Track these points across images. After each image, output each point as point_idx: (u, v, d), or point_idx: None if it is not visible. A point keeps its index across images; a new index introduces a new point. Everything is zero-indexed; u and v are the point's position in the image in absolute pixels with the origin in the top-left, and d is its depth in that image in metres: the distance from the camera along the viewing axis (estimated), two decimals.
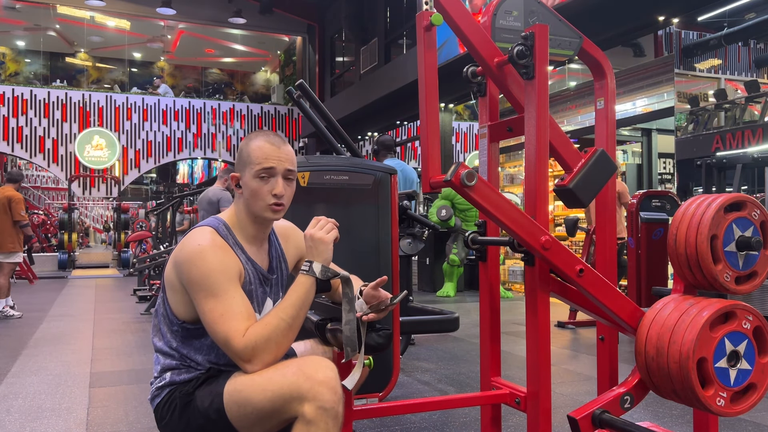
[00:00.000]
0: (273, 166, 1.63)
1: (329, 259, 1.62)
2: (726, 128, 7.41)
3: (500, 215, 1.63)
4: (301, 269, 1.59)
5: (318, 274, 1.58)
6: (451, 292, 8.17)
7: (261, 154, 1.63)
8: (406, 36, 12.09)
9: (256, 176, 1.63)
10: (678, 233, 1.68)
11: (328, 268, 1.60)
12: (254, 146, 1.65)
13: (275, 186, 1.63)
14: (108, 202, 16.19)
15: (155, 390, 1.65)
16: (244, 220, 1.68)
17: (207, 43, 18.86)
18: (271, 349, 1.50)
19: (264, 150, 1.63)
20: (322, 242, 1.60)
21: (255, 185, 1.63)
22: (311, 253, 1.61)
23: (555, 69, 11.21)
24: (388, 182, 3.01)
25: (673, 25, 7.27)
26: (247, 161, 1.64)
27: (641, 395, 1.72)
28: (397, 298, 1.66)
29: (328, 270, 1.60)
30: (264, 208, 1.64)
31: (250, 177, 1.63)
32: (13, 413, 3.16)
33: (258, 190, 1.63)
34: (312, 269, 1.58)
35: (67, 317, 6.70)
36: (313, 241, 1.61)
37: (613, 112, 2.02)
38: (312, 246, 1.61)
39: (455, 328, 3.33)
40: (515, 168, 10.38)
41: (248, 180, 1.64)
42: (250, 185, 1.63)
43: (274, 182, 1.63)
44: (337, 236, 1.64)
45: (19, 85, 15.43)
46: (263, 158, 1.63)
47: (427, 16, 1.70)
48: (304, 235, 1.65)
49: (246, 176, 1.64)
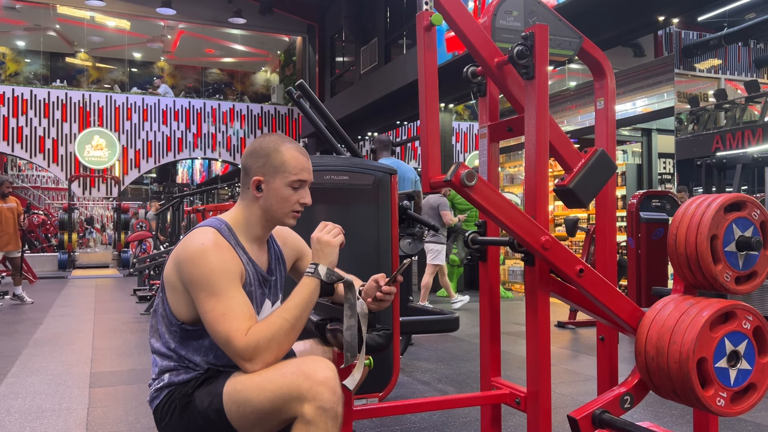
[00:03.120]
0: (307, 180, 1.68)
1: (335, 263, 1.63)
2: (726, 128, 7.41)
3: (500, 215, 1.63)
4: (306, 271, 1.60)
5: (323, 276, 1.59)
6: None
7: (297, 164, 1.66)
8: (406, 36, 12.08)
9: (290, 185, 1.65)
10: (678, 233, 1.68)
11: (332, 272, 1.61)
12: (289, 156, 1.66)
13: (304, 196, 1.68)
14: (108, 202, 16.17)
15: (154, 391, 1.64)
16: (253, 222, 1.68)
17: (207, 43, 18.85)
18: (273, 349, 1.50)
19: (300, 162, 1.67)
20: (329, 245, 1.62)
21: (287, 193, 1.66)
22: (317, 256, 1.62)
23: (555, 69, 11.21)
24: (388, 182, 3.01)
25: (673, 25, 7.27)
26: (281, 169, 1.65)
27: (641, 395, 1.72)
28: (402, 267, 1.66)
29: (333, 273, 1.61)
30: (288, 215, 1.68)
31: (282, 184, 1.65)
32: (13, 413, 3.16)
33: (289, 198, 1.66)
34: (317, 271, 1.59)
35: (67, 317, 6.71)
36: (320, 244, 1.62)
37: (613, 112, 2.02)
38: (318, 249, 1.63)
39: (455, 328, 3.33)
40: (515, 168, 10.37)
41: (279, 186, 1.65)
42: (281, 192, 1.65)
43: (303, 192, 1.68)
44: (343, 241, 1.66)
45: (19, 85, 15.42)
46: (300, 169, 1.66)
47: (427, 16, 1.70)
48: (311, 237, 1.66)
49: (276, 182, 1.65)
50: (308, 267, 1.61)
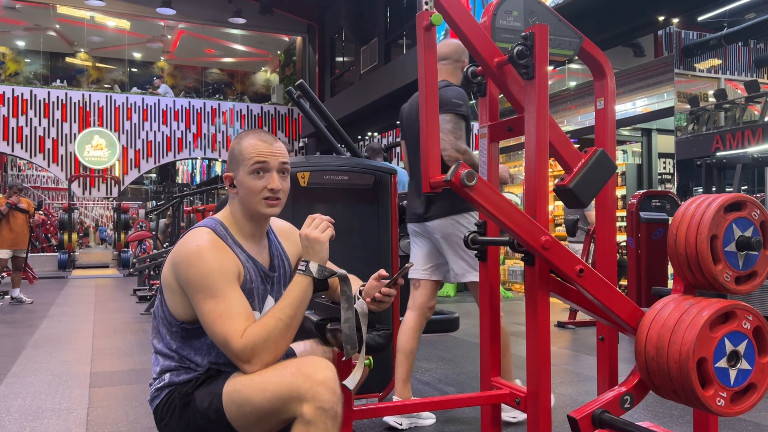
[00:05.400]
0: (267, 161, 1.63)
1: (326, 258, 1.61)
2: (726, 128, 7.41)
3: (500, 215, 1.63)
4: (298, 269, 1.59)
5: (315, 273, 1.58)
6: (451, 292, 8.17)
7: (254, 150, 1.63)
8: (406, 36, 12.08)
9: (251, 172, 1.63)
10: (678, 233, 1.68)
11: (324, 267, 1.60)
12: (246, 144, 1.65)
13: (270, 181, 1.63)
14: (108, 202, 16.17)
15: (154, 391, 1.64)
16: (240, 220, 1.68)
17: (207, 43, 18.86)
18: (270, 349, 1.50)
19: (257, 147, 1.64)
20: (318, 242, 1.60)
21: (250, 182, 1.63)
22: (307, 253, 1.60)
23: (555, 69, 11.20)
24: (388, 182, 3.01)
25: (673, 25, 7.27)
26: (240, 159, 1.65)
27: (641, 395, 1.71)
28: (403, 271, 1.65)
29: (325, 269, 1.60)
30: (260, 203, 1.64)
31: (244, 174, 1.64)
32: (13, 413, 3.16)
33: (253, 186, 1.63)
34: (308, 269, 1.58)
35: (67, 317, 6.71)
36: (309, 241, 1.60)
37: (613, 112, 2.02)
38: (308, 246, 1.61)
39: (455, 328, 3.33)
40: (515, 168, 10.37)
41: (243, 177, 1.64)
42: (245, 182, 1.64)
43: (269, 177, 1.64)
44: (332, 234, 1.63)
45: (19, 85, 15.42)
46: (256, 154, 1.63)
47: (427, 16, 1.70)
48: (299, 234, 1.64)
49: (240, 174, 1.65)
50: (300, 265, 1.60)
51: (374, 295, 1.66)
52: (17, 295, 7.94)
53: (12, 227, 7.87)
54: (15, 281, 8.03)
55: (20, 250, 8.06)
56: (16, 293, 7.97)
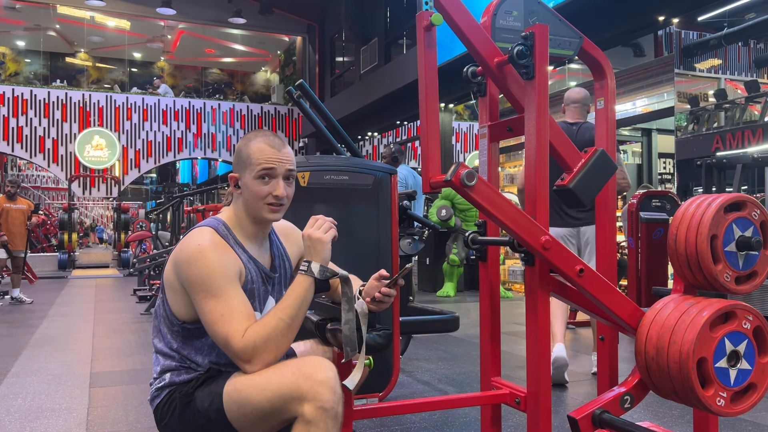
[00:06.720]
0: (274, 167, 1.63)
1: (327, 259, 1.61)
2: (726, 128, 7.41)
3: (500, 215, 1.63)
4: (300, 269, 1.59)
5: (316, 273, 1.58)
6: (451, 292, 8.17)
7: (261, 155, 1.62)
8: (406, 36, 12.08)
9: (257, 177, 1.62)
10: (678, 233, 1.68)
11: (326, 268, 1.60)
12: (254, 148, 1.64)
13: (276, 187, 1.63)
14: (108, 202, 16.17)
15: (155, 391, 1.64)
16: (243, 220, 1.67)
17: (207, 43, 18.85)
18: (271, 349, 1.50)
19: (265, 152, 1.63)
20: (320, 242, 1.60)
21: (255, 187, 1.63)
22: (309, 253, 1.60)
23: (555, 69, 11.21)
24: (388, 182, 3.01)
25: (673, 25, 7.27)
26: (247, 162, 1.64)
27: (641, 395, 1.72)
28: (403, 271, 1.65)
29: (327, 269, 1.60)
30: (263, 208, 1.64)
31: (250, 178, 1.63)
32: (13, 413, 3.16)
33: (258, 191, 1.63)
34: (310, 269, 1.58)
35: (67, 317, 6.71)
36: (311, 241, 1.60)
37: (613, 112, 2.02)
38: (310, 246, 1.61)
39: (455, 328, 3.33)
40: (515, 168, 10.37)
41: (248, 181, 1.63)
42: (251, 186, 1.63)
43: (275, 183, 1.63)
44: (335, 235, 1.63)
45: (19, 85, 15.42)
46: (264, 159, 1.62)
47: (427, 16, 1.70)
48: (302, 234, 1.64)
49: (246, 177, 1.64)
50: (301, 265, 1.60)
51: (374, 295, 1.66)
52: (17, 295, 7.99)
53: (9, 228, 7.92)
54: (15, 281, 8.08)
55: (18, 251, 8.09)
56: (16, 293, 8.01)
